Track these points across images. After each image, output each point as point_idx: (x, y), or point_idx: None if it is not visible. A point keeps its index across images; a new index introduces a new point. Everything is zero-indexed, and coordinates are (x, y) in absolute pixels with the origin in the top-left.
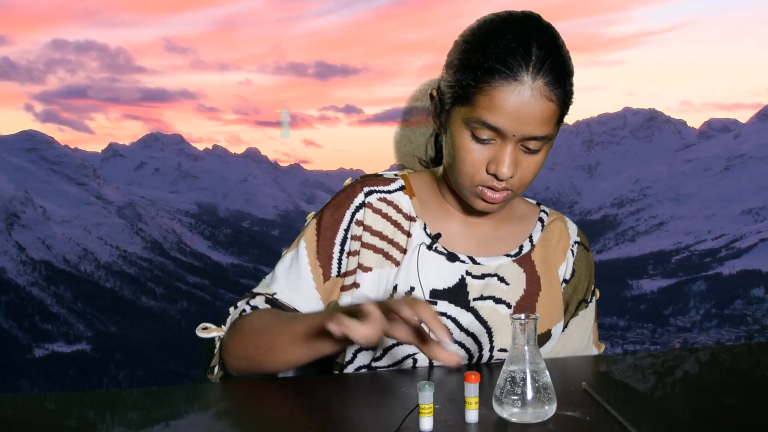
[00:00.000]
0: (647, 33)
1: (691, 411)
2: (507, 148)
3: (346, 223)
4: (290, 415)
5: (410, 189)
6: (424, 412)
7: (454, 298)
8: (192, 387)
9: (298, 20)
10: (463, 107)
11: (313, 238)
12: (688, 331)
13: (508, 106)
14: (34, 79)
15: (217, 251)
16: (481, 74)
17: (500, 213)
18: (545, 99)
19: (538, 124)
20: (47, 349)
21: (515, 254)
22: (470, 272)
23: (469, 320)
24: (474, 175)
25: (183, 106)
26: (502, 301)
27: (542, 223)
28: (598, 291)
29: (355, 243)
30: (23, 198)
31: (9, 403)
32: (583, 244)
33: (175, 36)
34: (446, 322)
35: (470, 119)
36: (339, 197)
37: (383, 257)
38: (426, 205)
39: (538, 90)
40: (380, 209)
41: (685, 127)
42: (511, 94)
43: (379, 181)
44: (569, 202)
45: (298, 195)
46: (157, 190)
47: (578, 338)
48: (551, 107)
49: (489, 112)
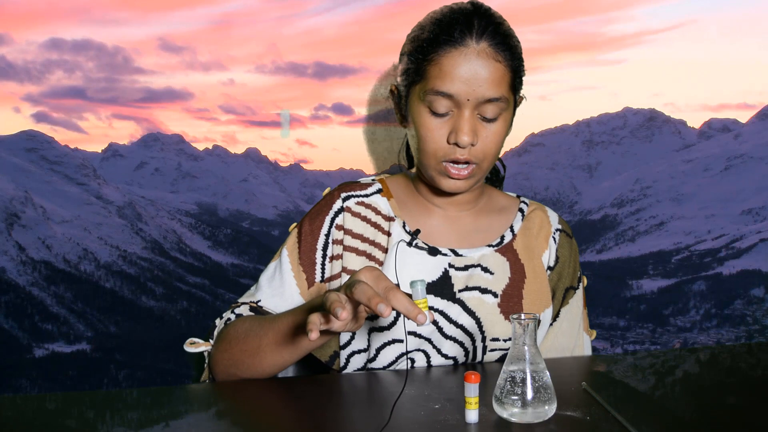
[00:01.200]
0: (648, 32)
1: (691, 411)
2: (464, 114)
3: (327, 228)
4: (290, 415)
5: (387, 191)
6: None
7: (440, 291)
8: (192, 387)
9: (295, 19)
10: (417, 85)
11: (295, 246)
12: (688, 331)
13: (457, 70)
14: (24, 79)
15: (217, 251)
16: (428, 47)
17: (479, 205)
18: (492, 60)
19: (489, 84)
20: (47, 349)
21: (497, 244)
22: (453, 264)
23: (457, 312)
24: (437, 150)
25: (174, 107)
26: (488, 290)
27: (522, 213)
28: (585, 278)
29: (337, 247)
30: (23, 198)
31: (9, 403)
32: (565, 231)
33: (169, 35)
34: (435, 316)
35: (425, 92)
36: (318, 205)
37: (366, 259)
38: (404, 205)
39: (484, 51)
40: (359, 212)
41: (685, 127)
42: (458, 58)
43: (357, 186)
44: (569, 202)
45: (298, 195)
46: (157, 190)
47: (568, 327)
48: (500, 68)
49: (440, 80)
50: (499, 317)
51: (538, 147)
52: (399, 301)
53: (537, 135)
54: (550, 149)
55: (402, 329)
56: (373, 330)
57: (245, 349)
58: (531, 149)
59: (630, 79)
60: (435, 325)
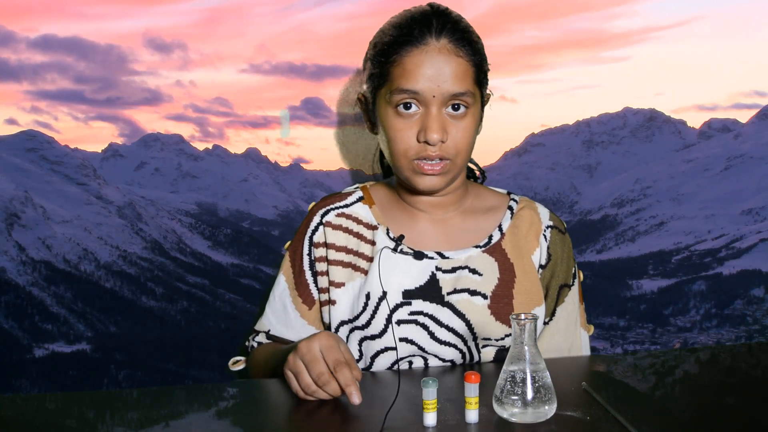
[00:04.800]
0: (653, 29)
1: (691, 411)
2: (431, 111)
3: (307, 248)
4: (290, 415)
5: (369, 198)
6: (428, 407)
7: (428, 295)
8: (192, 387)
9: (285, 13)
10: (382, 89)
11: (290, 271)
12: (688, 331)
13: (420, 68)
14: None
15: (217, 251)
16: (390, 49)
17: (466, 205)
18: (453, 55)
19: (454, 80)
20: (47, 349)
21: (484, 245)
22: (440, 267)
23: (448, 316)
24: (408, 150)
25: (160, 109)
26: (477, 292)
27: (512, 211)
28: (581, 273)
29: (321, 264)
30: (23, 198)
31: (9, 403)
32: (557, 227)
33: (155, 28)
34: (425, 320)
35: (391, 93)
36: (302, 224)
37: (352, 270)
38: (388, 211)
39: (445, 47)
40: (340, 224)
41: (685, 127)
42: (420, 56)
43: (336, 198)
44: (569, 202)
45: (298, 195)
46: (157, 190)
47: (565, 325)
48: (462, 63)
49: (404, 79)
50: (489, 319)
51: (538, 147)
52: (342, 376)
53: (537, 135)
54: (550, 149)
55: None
56: (365, 339)
57: (263, 376)
58: (531, 149)
59: (634, 77)
60: (426, 330)
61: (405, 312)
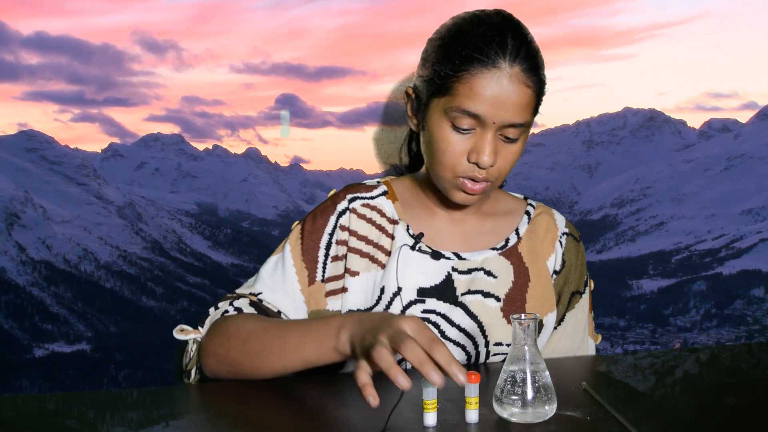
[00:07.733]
0: (658, 26)
1: (691, 411)
2: (487, 136)
3: (331, 227)
4: (290, 415)
5: (392, 193)
6: (428, 407)
7: (442, 295)
8: (192, 387)
9: (278, 10)
10: (442, 98)
11: (298, 242)
12: (688, 331)
13: (488, 92)
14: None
15: (217, 251)
16: (460, 63)
17: (485, 207)
18: (523, 85)
19: (517, 110)
20: (47, 349)
21: (501, 247)
22: (456, 268)
23: (460, 316)
24: (455, 166)
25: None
26: (491, 294)
27: (529, 216)
28: (592, 282)
29: (341, 248)
30: (23, 198)
31: (9, 403)
32: (572, 234)
33: (145, 25)
34: (437, 319)
35: (450, 108)
36: (324, 204)
37: (370, 261)
38: (409, 208)
39: (516, 76)
40: (364, 214)
41: (685, 127)
42: (491, 80)
43: (362, 188)
44: (569, 202)
45: (298, 195)
46: (157, 190)
47: (573, 331)
48: (528, 93)
49: (469, 99)
50: (501, 321)
51: (538, 147)
52: (441, 355)
53: (537, 135)
54: (550, 149)
55: None
56: None
57: (245, 351)
58: (531, 149)
59: (637, 75)
60: (437, 329)
61: (418, 309)
